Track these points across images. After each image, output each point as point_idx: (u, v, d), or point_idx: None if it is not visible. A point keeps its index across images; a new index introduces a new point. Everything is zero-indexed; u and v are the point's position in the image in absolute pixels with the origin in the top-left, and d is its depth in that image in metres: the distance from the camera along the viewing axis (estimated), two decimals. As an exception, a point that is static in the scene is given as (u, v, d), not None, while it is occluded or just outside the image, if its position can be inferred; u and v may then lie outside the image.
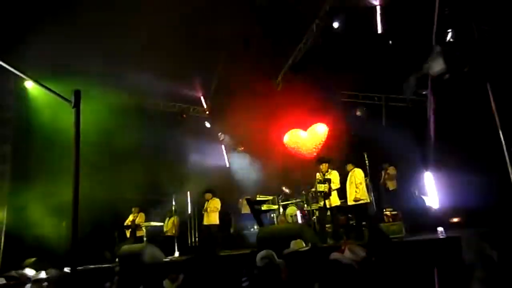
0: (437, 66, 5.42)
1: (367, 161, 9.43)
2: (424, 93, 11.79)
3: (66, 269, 6.14)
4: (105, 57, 10.39)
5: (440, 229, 6.47)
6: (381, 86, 12.41)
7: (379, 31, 11.69)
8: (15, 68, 5.12)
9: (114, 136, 12.18)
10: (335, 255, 3.20)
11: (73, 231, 4.32)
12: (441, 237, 6.20)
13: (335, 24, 12.28)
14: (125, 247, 10.24)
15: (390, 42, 11.83)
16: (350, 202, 8.76)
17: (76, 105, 4.74)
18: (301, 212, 12.10)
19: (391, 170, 10.77)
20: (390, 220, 9.20)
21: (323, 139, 14.18)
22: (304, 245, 5.65)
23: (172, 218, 11.75)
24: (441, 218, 8.11)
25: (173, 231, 11.82)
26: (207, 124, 15.98)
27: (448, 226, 7.49)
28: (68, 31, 9.43)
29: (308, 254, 5.22)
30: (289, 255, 5.30)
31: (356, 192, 8.67)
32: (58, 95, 4.99)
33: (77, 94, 4.85)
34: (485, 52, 5.11)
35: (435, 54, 5.52)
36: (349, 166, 9.13)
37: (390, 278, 3.09)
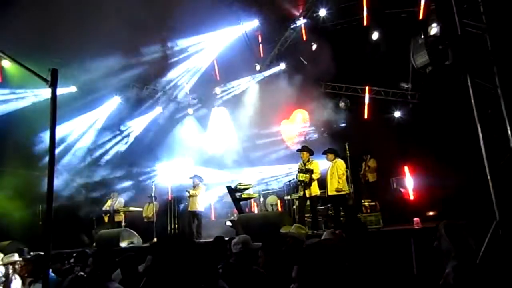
0: (420, 58, 5.47)
1: (348, 152, 9.44)
2: (405, 86, 11.95)
3: (40, 253, 6.01)
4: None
5: (416, 219, 6.56)
6: (364, 78, 12.44)
7: (365, 23, 11.70)
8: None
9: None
10: (311, 240, 3.18)
11: (47, 212, 4.20)
12: (416, 227, 6.30)
13: (322, 12, 12.25)
14: (103, 232, 10.13)
15: (375, 34, 11.88)
16: (332, 192, 8.72)
17: (53, 84, 4.59)
18: (281, 202, 12.14)
19: (372, 162, 10.87)
20: (368, 211, 9.28)
21: (304, 125, 14.17)
22: (304, 232, 5.57)
23: (152, 204, 11.63)
24: (418, 210, 8.23)
25: (154, 217, 11.72)
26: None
27: (424, 218, 7.62)
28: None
29: (284, 241, 5.18)
30: (284, 235, 5.22)
31: (338, 183, 8.63)
32: (35, 73, 4.81)
33: (54, 73, 4.68)
34: (467, 46, 5.16)
35: (418, 46, 5.56)
36: (331, 156, 8.99)
37: (368, 264, 3.08)
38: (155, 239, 9.97)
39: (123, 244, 8.69)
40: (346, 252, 2.80)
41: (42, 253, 5.84)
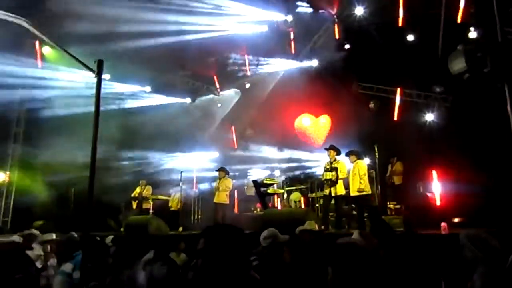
0: (457, 64, 5.44)
1: (377, 154, 9.45)
2: (438, 89, 11.77)
3: (74, 234, 6.33)
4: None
5: (443, 224, 6.55)
6: (396, 80, 12.33)
7: (400, 24, 11.57)
8: (40, 32, 5.22)
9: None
10: (344, 239, 3.29)
11: (89, 197, 4.48)
12: (443, 233, 6.30)
13: (358, 11, 12.18)
14: (132, 218, 10.52)
15: (411, 37, 11.73)
16: (353, 192, 8.83)
17: (99, 74, 4.87)
18: (304, 199, 12.25)
19: (398, 165, 10.83)
20: (393, 213, 9.28)
21: (327, 132, 14.22)
22: (316, 227, 5.75)
23: (178, 194, 11.94)
24: (444, 216, 8.17)
25: (180, 206, 12.05)
26: (219, 104, 16.06)
27: (450, 224, 7.57)
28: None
29: (311, 238, 5.32)
30: (300, 234, 5.38)
31: (360, 183, 8.72)
32: (82, 63, 5.10)
33: (100, 63, 4.96)
34: (507, 54, 5.11)
35: (456, 53, 5.53)
36: (352, 158, 9.14)
37: (398, 269, 3.17)
38: (180, 228, 10.29)
39: (151, 231, 9.01)
40: (379, 254, 2.89)
41: (75, 234, 6.19)
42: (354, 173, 8.89)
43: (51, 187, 12.52)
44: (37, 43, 11.71)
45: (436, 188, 9.99)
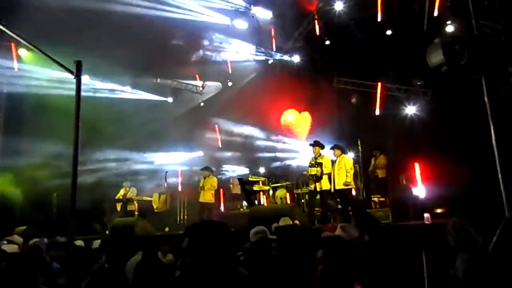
0: (435, 57, 5.55)
1: (360, 148, 9.56)
2: (418, 83, 11.98)
3: (60, 238, 6.23)
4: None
5: (426, 215, 6.69)
6: (376, 75, 12.49)
7: (379, 19, 11.73)
8: (16, 34, 5.11)
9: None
10: (327, 234, 3.35)
11: (72, 201, 4.42)
12: (427, 223, 6.43)
13: (338, 6, 12.27)
14: (117, 220, 10.40)
15: (389, 31, 11.90)
16: (339, 186, 8.88)
17: (78, 75, 4.80)
18: (290, 195, 12.30)
19: (381, 159, 10.98)
20: (378, 206, 9.42)
21: (308, 127, 14.34)
22: (291, 222, 5.85)
23: (164, 195, 11.88)
24: (427, 207, 8.34)
25: (165, 207, 11.97)
26: (201, 103, 16.00)
27: (433, 215, 7.73)
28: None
29: (297, 233, 5.37)
30: (278, 230, 5.47)
31: (347, 176, 8.82)
32: (60, 64, 5.01)
33: (79, 64, 4.89)
34: (482, 46, 5.24)
35: (434, 46, 5.64)
36: (337, 152, 9.22)
37: (381, 259, 3.24)
38: (167, 229, 10.23)
39: (138, 232, 8.93)
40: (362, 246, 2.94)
41: (61, 239, 6.08)
42: (340, 167, 8.96)
43: (32, 190, 12.31)
44: (12, 45, 11.43)
45: (419, 180, 10.20)
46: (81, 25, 10.07)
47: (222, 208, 13.29)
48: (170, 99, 15.81)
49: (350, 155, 10.86)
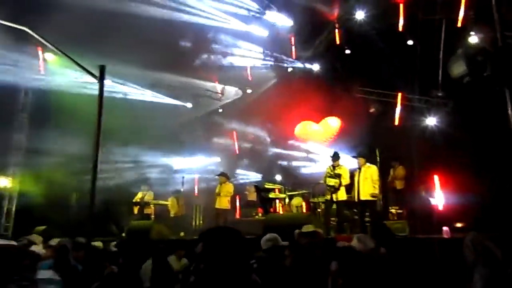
0: (458, 68, 5.46)
1: (378, 158, 9.45)
2: (438, 94, 11.79)
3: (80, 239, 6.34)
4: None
5: (445, 229, 6.56)
6: (396, 85, 12.35)
7: (400, 28, 11.61)
8: (43, 38, 5.28)
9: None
10: (343, 243, 3.32)
11: (91, 203, 4.53)
12: (445, 237, 6.30)
13: (359, 15, 12.20)
14: (134, 223, 10.53)
15: (411, 41, 11.77)
16: (365, 197, 8.71)
17: (101, 79, 4.94)
18: (306, 204, 12.23)
19: (400, 170, 10.80)
20: (395, 218, 9.28)
21: (335, 133, 14.19)
22: (314, 229, 5.75)
23: (181, 199, 12.00)
24: (446, 221, 8.17)
25: (181, 212, 12.08)
26: (220, 110, 16.10)
27: (452, 229, 7.57)
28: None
29: (308, 240, 5.30)
30: (301, 236, 5.39)
31: (374, 188, 8.67)
32: (84, 69, 5.17)
33: (102, 69, 5.04)
34: (507, 58, 5.14)
35: (457, 57, 5.56)
36: (361, 161, 9.05)
37: (397, 271, 3.19)
38: (182, 233, 10.30)
39: (153, 236, 9.02)
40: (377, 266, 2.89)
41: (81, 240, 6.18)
42: (366, 177, 8.80)
43: (52, 189, 12.59)
44: (39, 50, 11.78)
45: (438, 193, 10.00)
46: (103, 29, 10.31)
47: (237, 215, 13.32)
48: (189, 104, 15.97)
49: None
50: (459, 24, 9.37)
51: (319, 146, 14.20)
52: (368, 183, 8.72)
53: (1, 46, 9.74)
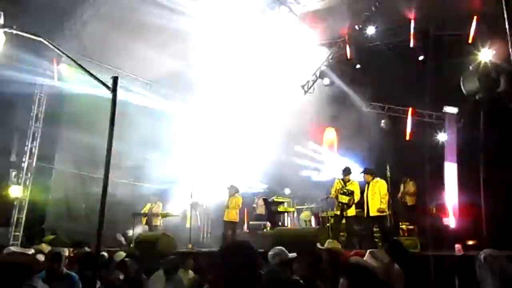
0: (470, 84, 5.44)
1: (388, 173, 9.38)
2: (451, 110, 11.71)
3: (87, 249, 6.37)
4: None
5: (457, 246, 6.45)
6: (407, 100, 12.32)
7: (411, 44, 11.62)
8: (59, 50, 5.38)
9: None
10: (356, 258, 3.28)
11: (100, 212, 4.53)
12: (458, 254, 6.19)
13: (370, 30, 12.24)
14: (142, 234, 10.54)
15: (422, 57, 11.76)
16: (373, 213, 8.64)
17: (114, 91, 4.99)
18: (315, 218, 12.15)
19: (411, 186, 10.69)
20: (406, 234, 9.17)
21: (333, 144, 14.17)
22: (339, 246, 5.66)
23: (194, 211, 12.07)
24: (458, 238, 8.04)
25: (189, 223, 12.08)
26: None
27: (464, 246, 7.44)
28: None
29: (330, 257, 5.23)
30: (321, 252, 5.31)
31: (381, 203, 8.57)
32: (98, 79, 5.23)
33: (115, 80, 5.09)
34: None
35: (469, 72, 5.54)
36: (368, 177, 8.98)
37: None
38: (190, 245, 10.26)
39: (161, 248, 9.01)
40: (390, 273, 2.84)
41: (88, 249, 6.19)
42: (374, 192, 8.72)
43: (63, 198, 12.72)
44: (54, 61, 12.00)
45: (450, 209, 9.86)
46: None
47: (245, 228, 13.26)
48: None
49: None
50: (470, 40, 9.34)
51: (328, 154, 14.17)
52: (377, 198, 8.63)
53: (15, 53, 9.91)
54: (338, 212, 9.05)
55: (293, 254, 4.43)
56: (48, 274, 4.49)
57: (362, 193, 9.08)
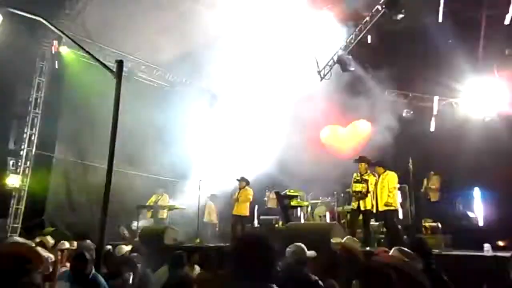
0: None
1: (411, 166, 9.29)
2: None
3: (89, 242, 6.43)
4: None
5: (486, 246, 6.36)
6: (434, 87, 12.10)
7: (440, 26, 11.32)
8: (59, 30, 5.39)
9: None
10: (379, 258, 3.22)
11: (104, 204, 4.57)
12: (487, 254, 6.11)
13: (393, 11, 11.98)
14: (147, 227, 10.65)
15: (450, 40, 11.51)
16: (381, 207, 8.57)
17: (119, 76, 4.99)
18: (330, 213, 12.10)
19: (435, 180, 10.58)
20: (429, 232, 9.10)
21: (365, 137, 13.99)
22: (358, 246, 5.64)
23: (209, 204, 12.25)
24: (486, 237, 7.93)
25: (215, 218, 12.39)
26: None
27: (493, 247, 7.35)
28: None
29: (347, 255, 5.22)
30: (337, 247, 5.31)
31: (388, 196, 8.50)
32: (102, 63, 5.25)
33: (120, 64, 5.09)
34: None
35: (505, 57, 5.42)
36: (380, 169, 8.88)
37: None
38: (197, 239, 10.34)
39: (167, 241, 9.11)
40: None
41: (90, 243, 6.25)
42: (383, 186, 8.64)
43: (64, 191, 12.84)
44: (54, 43, 12.03)
45: (479, 206, 9.74)
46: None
47: (256, 223, 13.28)
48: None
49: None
50: (507, 21, 9.06)
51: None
52: (385, 192, 8.56)
53: (14, 38, 9.95)
54: (355, 206, 8.97)
55: (312, 253, 4.42)
56: (73, 275, 4.39)
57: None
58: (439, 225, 9.20)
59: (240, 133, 14.43)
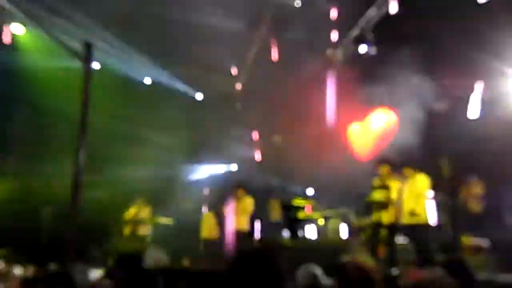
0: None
1: (445, 170, 9.25)
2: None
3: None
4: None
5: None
6: (472, 73, 12.03)
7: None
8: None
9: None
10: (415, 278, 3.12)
11: (71, 218, 4.46)
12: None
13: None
14: (122, 246, 10.58)
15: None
16: (407, 219, 8.57)
17: (87, 59, 4.86)
18: (346, 227, 12.08)
19: (477, 187, 10.51)
20: (470, 251, 9.09)
21: (386, 133, 13.98)
22: (370, 263, 5.59)
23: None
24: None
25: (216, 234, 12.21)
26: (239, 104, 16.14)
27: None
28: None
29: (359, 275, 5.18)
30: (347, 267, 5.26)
31: (417, 204, 8.51)
32: (66, 45, 5.13)
33: (88, 47, 4.96)
34: None
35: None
36: (407, 171, 8.87)
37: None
38: (186, 261, 10.28)
39: (148, 264, 9.00)
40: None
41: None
42: (410, 191, 8.66)
43: (20, 203, 12.76)
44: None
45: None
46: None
47: (256, 238, 13.28)
48: (199, 95, 16.01)
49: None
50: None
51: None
52: (412, 199, 8.54)
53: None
54: (377, 218, 8.93)
55: (329, 283, 4.40)
56: None
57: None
58: (484, 242, 9.17)
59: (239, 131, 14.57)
